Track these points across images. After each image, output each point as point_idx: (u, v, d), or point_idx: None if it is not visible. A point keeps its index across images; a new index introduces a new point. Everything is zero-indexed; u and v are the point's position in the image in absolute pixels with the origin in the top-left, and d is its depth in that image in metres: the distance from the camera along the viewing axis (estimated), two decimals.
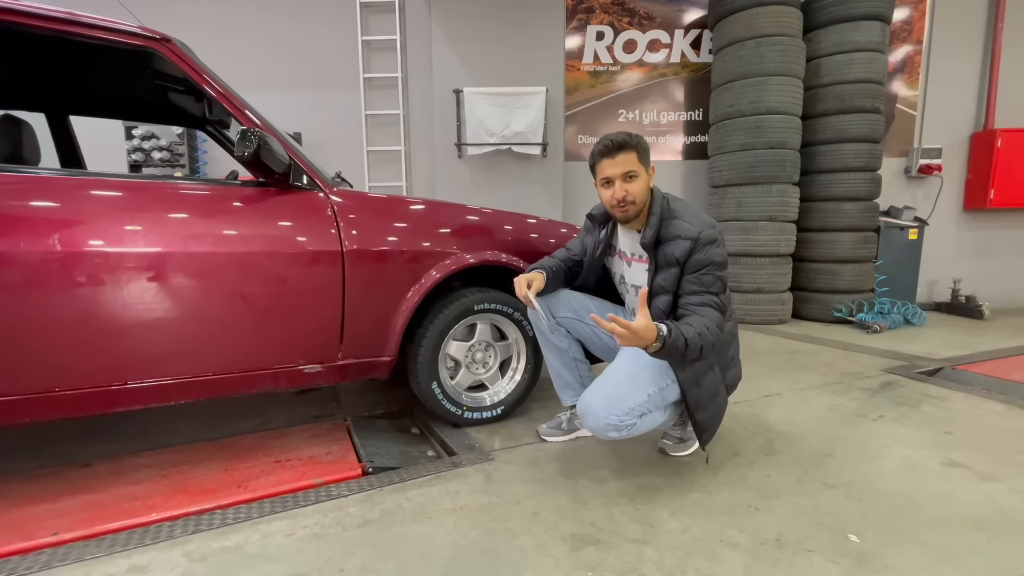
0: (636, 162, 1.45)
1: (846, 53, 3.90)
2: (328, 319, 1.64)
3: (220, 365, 1.52)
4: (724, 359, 1.53)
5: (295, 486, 1.51)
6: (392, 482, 1.53)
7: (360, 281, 1.66)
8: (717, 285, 1.41)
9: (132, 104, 2.33)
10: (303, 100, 4.35)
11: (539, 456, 1.71)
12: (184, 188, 1.50)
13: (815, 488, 1.48)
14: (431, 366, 1.84)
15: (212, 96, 1.52)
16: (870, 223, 4.08)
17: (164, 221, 1.41)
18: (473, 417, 1.94)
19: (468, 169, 4.37)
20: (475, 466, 1.63)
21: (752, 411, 2.10)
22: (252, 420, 2.06)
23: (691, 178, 4.72)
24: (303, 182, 1.63)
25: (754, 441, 1.81)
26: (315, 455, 1.72)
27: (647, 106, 4.66)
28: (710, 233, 1.40)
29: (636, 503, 1.41)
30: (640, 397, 1.43)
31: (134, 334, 1.39)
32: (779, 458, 1.68)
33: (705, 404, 1.46)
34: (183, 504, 1.41)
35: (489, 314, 1.94)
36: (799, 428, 1.93)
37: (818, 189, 4.12)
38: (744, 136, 3.93)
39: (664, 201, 1.51)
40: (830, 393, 2.34)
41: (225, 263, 1.47)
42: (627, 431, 1.43)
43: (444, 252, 1.83)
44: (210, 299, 1.46)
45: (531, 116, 4.16)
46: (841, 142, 4.00)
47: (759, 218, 3.94)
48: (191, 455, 1.72)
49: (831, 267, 4.10)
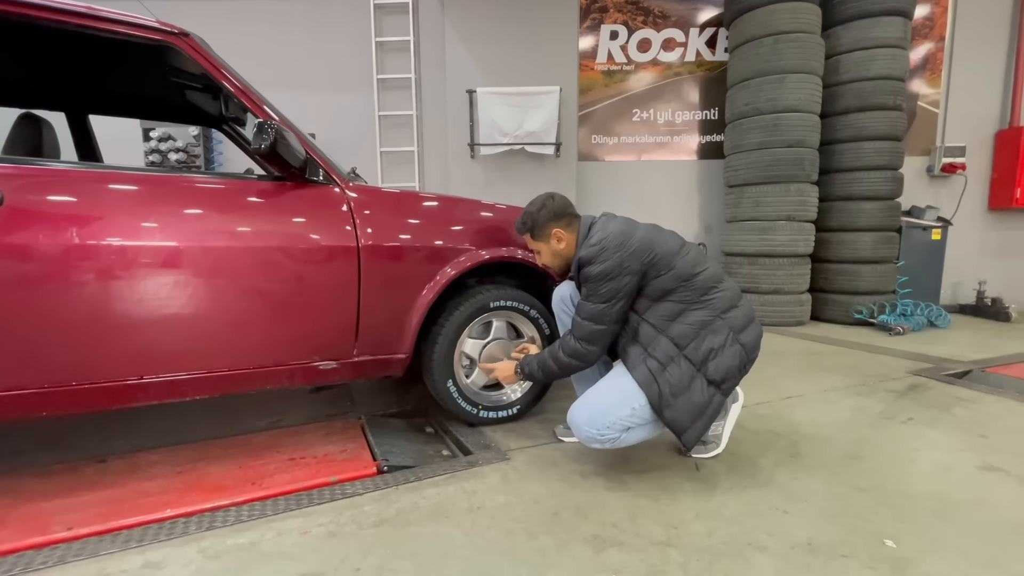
0: (533, 242, 1.66)
1: (867, 49, 3.83)
2: (343, 315, 1.62)
3: (235, 361, 1.51)
4: (698, 352, 1.42)
5: (310, 484, 1.49)
6: (408, 481, 1.50)
7: (376, 277, 1.64)
8: (595, 297, 1.46)
9: (149, 103, 2.34)
10: (317, 101, 4.38)
11: (557, 456, 1.67)
12: (200, 182, 1.49)
13: (845, 491, 1.43)
14: (446, 364, 1.82)
15: (230, 91, 1.51)
16: (891, 223, 3.99)
17: (179, 215, 1.40)
18: (489, 416, 1.91)
19: (481, 169, 4.36)
20: (492, 465, 1.60)
21: (775, 412, 2.05)
22: (266, 418, 2.05)
23: (706, 178, 4.66)
24: (319, 177, 1.62)
25: (778, 443, 1.76)
26: (329, 453, 1.70)
27: (661, 105, 4.61)
28: (587, 253, 1.47)
29: (659, 504, 1.36)
30: (623, 411, 1.42)
31: (149, 328, 1.38)
32: (805, 460, 1.62)
33: (671, 401, 1.40)
34: (197, 501, 1.39)
35: (505, 311, 1.91)
36: (825, 430, 1.87)
37: (838, 188, 4.04)
38: (761, 134, 3.87)
39: (586, 235, 1.55)
40: (855, 395, 2.27)
41: (240, 257, 1.46)
42: (611, 443, 1.45)
43: (459, 248, 1.81)
44: (225, 294, 1.45)
45: (544, 116, 4.14)
46: (861, 140, 3.92)
47: (777, 218, 3.87)
48: (205, 452, 1.71)
49: (851, 268, 4.01)
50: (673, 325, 1.46)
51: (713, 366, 1.43)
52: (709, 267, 1.52)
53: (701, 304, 1.47)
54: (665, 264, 1.46)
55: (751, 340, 1.49)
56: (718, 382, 1.43)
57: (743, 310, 1.52)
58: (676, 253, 1.49)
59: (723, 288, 1.50)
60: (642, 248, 1.45)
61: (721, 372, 1.43)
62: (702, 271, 1.49)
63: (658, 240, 1.49)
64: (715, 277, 1.51)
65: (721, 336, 1.45)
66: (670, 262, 1.46)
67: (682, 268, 1.47)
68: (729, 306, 1.49)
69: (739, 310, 1.50)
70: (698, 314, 1.46)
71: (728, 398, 1.54)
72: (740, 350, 1.46)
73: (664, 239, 1.51)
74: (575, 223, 1.62)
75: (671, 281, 1.46)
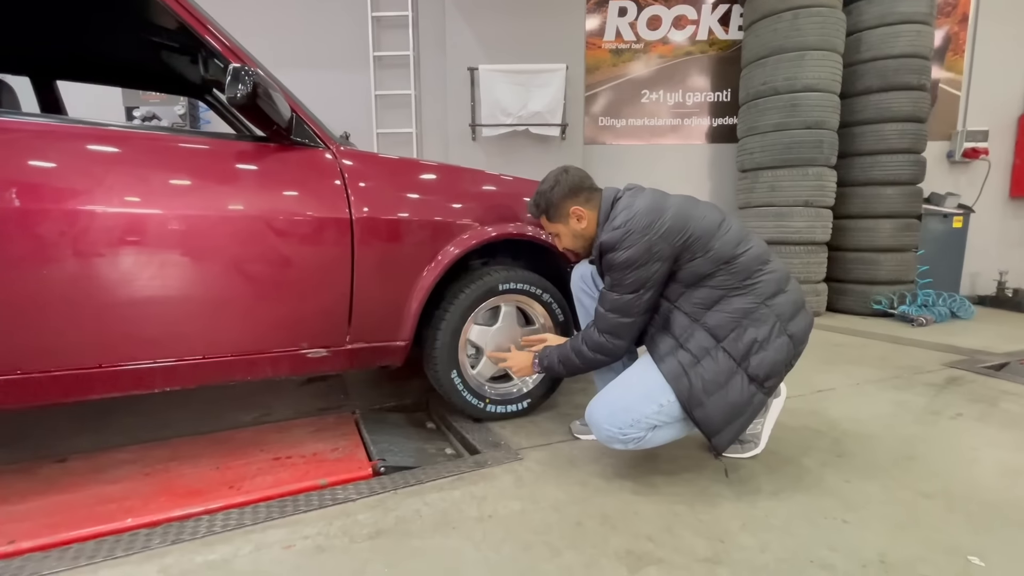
0: (549, 224, 1.46)
1: (891, 25, 3.63)
2: (334, 297, 1.43)
3: (210, 347, 1.31)
4: (738, 345, 1.23)
5: (296, 488, 1.30)
6: (408, 484, 1.32)
7: (371, 254, 1.45)
8: (620, 287, 1.28)
9: (124, 67, 2.13)
10: (310, 80, 4.14)
11: (575, 455, 1.49)
12: (170, 140, 1.29)
13: (908, 496, 1.25)
14: (450, 353, 1.63)
15: (201, 35, 1.30)
16: (912, 209, 3.81)
17: (141, 177, 1.21)
18: (497, 411, 1.73)
19: (483, 152, 4.15)
20: (502, 466, 1.42)
21: (809, 407, 1.87)
22: (251, 412, 1.86)
23: (718, 162, 4.46)
24: (307, 139, 1.42)
25: (820, 440, 1.58)
26: (319, 452, 1.51)
27: (672, 86, 4.40)
28: (610, 238, 1.27)
29: (696, 512, 1.18)
30: (648, 408, 1.25)
31: (107, 308, 1.19)
32: (854, 460, 1.45)
33: (703, 398, 1.22)
34: (165, 507, 1.21)
35: (515, 295, 1.72)
36: (868, 426, 1.69)
37: (857, 173, 3.86)
38: (778, 115, 3.67)
39: (608, 213, 1.36)
40: (892, 388, 2.10)
41: (215, 228, 1.26)
42: (634, 444, 1.28)
43: (463, 224, 1.62)
44: (196, 270, 1.26)
45: (550, 95, 3.93)
46: (883, 122, 3.73)
47: (794, 203, 3.68)
48: (180, 450, 1.53)
49: (870, 256, 3.84)
50: (710, 314, 1.27)
51: (756, 361, 1.24)
52: (753, 245, 1.32)
53: (743, 289, 1.28)
54: (702, 245, 1.26)
55: (800, 331, 1.30)
56: (761, 379, 1.24)
57: (791, 295, 1.33)
58: (715, 232, 1.28)
59: (769, 270, 1.31)
60: (674, 228, 1.25)
61: (765, 368, 1.25)
62: (745, 251, 1.29)
63: (693, 216, 1.28)
64: (760, 257, 1.31)
65: (766, 326, 1.26)
66: (707, 243, 1.26)
67: (722, 249, 1.27)
68: (776, 291, 1.30)
69: (787, 295, 1.31)
70: (739, 301, 1.27)
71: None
72: (787, 342, 1.27)
73: (700, 214, 1.30)
74: (595, 198, 1.42)
75: (708, 264, 1.27)
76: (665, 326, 1.32)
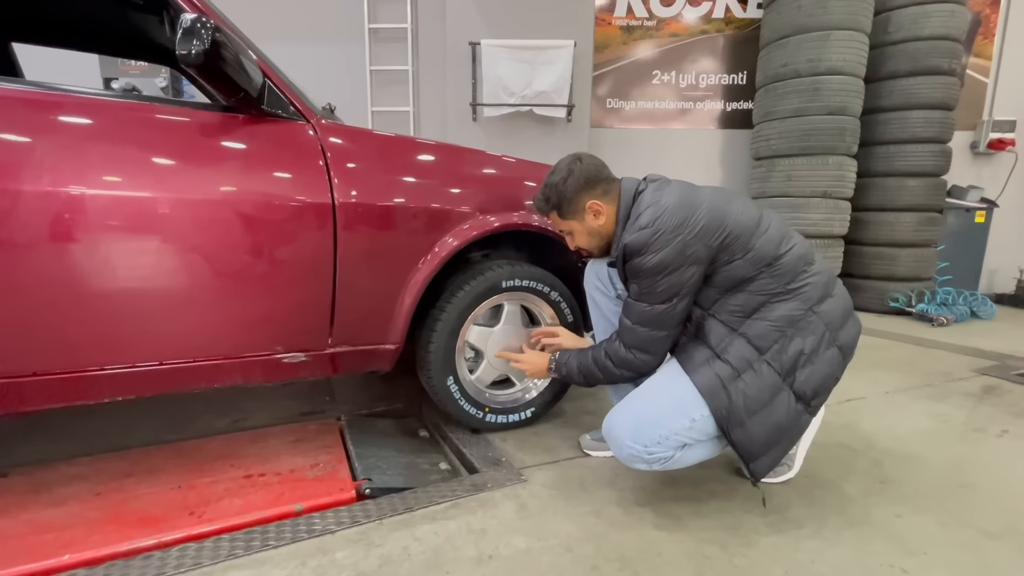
0: (562, 222, 1.28)
1: (922, 5, 3.40)
2: (314, 294, 1.24)
3: (168, 351, 1.13)
4: (783, 357, 1.06)
5: (266, 515, 1.13)
6: (396, 511, 1.15)
7: (357, 245, 1.26)
8: (650, 295, 1.10)
9: (87, 29, 1.90)
10: (300, 53, 3.89)
11: (586, 477, 1.32)
12: (116, 107, 1.09)
13: (970, 537, 1.09)
14: (446, 357, 1.45)
15: None
16: (935, 202, 3.62)
17: (77, 150, 1.01)
18: (497, 421, 1.56)
19: (484, 133, 3.92)
20: (504, 490, 1.25)
21: (839, 419, 1.71)
22: (226, 417, 1.68)
23: (731, 149, 4.25)
24: (283, 110, 1.22)
25: (858, 462, 1.42)
26: (297, 468, 1.34)
27: (685, 67, 4.17)
28: (636, 240, 1.08)
29: (730, 553, 1.02)
30: (679, 423, 1.07)
31: (38, 306, 1.00)
32: (901, 488, 1.28)
33: (745, 418, 1.05)
34: (112, 540, 1.03)
35: (520, 292, 1.54)
36: (907, 444, 1.53)
37: (878, 163, 3.66)
38: (798, 100, 3.46)
39: (630, 208, 1.18)
40: (925, 398, 1.94)
41: (171, 212, 1.07)
42: (660, 465, 1.11)
43: (463, 213, 1.43)
44: (149, 262, 1.07)
45: (556, 74, 3.69)
46: (909, 109, 3.52)
47: (811, 194, 3.49)
48: (140, 463, 1.35)
49: (888, 251, 3.66)
50: (751, 323, 1.09)
51: (804, 375, 1.07)
52: (796, 243, 1.15)
53: (788, 295, 1.10)
54: (741, 245, 1.08)
55: (849, 340, 1.13)
56: (808, 397, 1.08)
57: (839, 300, 1.15)
58: (754, 229, 1.11)
59: (814, 271, 1.13)
60: (711, 226, 1.07)
61: (813, 383, 1.08)
62: (788, 250, 1.12)
63: (730, 212, 1.10)
64: (805, 257, 1.14)
65: (814, 336, 1.08)
66: (747, 242, 1.09)
67: (763, 248, 1.09)
68: (823, 295, 1.12)
69: (835, 300, 1.14)
70: (784, 307, 1.09)
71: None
72: (837, 354, 1.10)
73: (737, 210, 1.12)
74: (613, 190, 1.23)
75: (748, 267, 1.09)
76: (698, 334, 1.14)
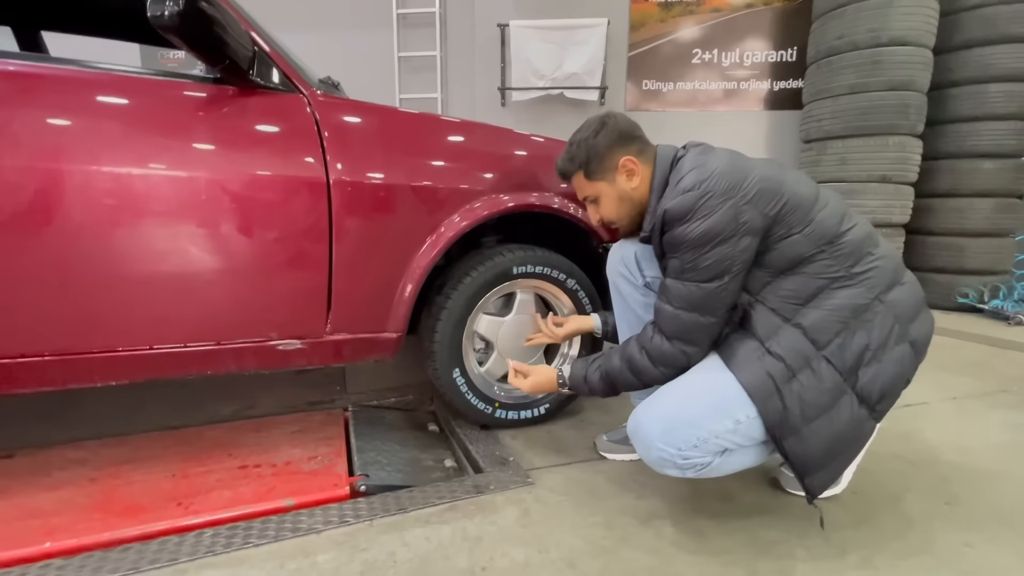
0: (588, 184, 1.12)
1: None
2: (308, 277, 1.17)
3: (155, 335, 1.08)
4: (845, 354, 0.90)
5: (254, 510, 1.07)
6: (388, 511, 1.06)
7: (354, 225, 1.18)
8: (694, 272, 0.93)
9: (116, 16, 1.90)
10: (328, 41, 3.88)
11: (598, 483, 1.20)
12: (98, 78, 1.04)
13: None
14: (453, 348, 1.36)
15: None
16: (1015, 187, 3.24)
17: (54, 124, 0.96)
18: (508, 417, 1.45)
19: (512, 118, 3.80)
20: (507, 493, 1.14)
21: (898, 428, 1.50)
22: (233, 404, 1.65)
23: (778, 132, 3.95)
24: (274, 81, 1.15)
25: (919, 477, 1.23)
26: (294, 460, 1.28)
27: (728, 45, 3.89)
28: (678, 205, 0.93)
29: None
30: (722, 424, 0.92)
31: (26, 286, 0.96)
32: (971, 512, 1.09)
33: (801, 425, 0.89)
34: (95, 528, 1.00)
35: (534, 280, 1.42)
36: (979, 459, 1.32)
37: (947, 142, 3.30)
38: (855, 75, 3.15)
39: (667, 176, 1.04)
40: (1001, 406, 1.69)
41: (154, 190, 1.01)
42: (694, 471, 0.95)
43: (473, 191, 1.32)
44: (133, 242, 1.02)
45: (588, 54, 3.53)
46: (986, 82, 3.14)
47: (868, 179, 3.18)
48: (140, 449, 1.32)
49: (956, 241, 3.31)
50: (806, 311, 0.93)
51: (868, 375, 0.91)
52: (857, 222, 0.98)
53: (851, 280, 0.94)
54: (800, 217, 0.93)
55: (923, 336, 0.96)
56: (872, 401, 0.91)
57: (910, 288, 0.98)
58: (813, 202, 0.95)
59: (880, 254, 0.97)
60: (766, 191, 0.92)
61: (879, 385, 0.91)
62: (850, 228, 0.96)
63: (786, 181, 0.95)
64: (870, 238, 0.98)
65: (882, 330, 0.92)
66: (807, 214, 0.93)
67: (825, 223, 0.94)
68: (891, 282, 0.96)
69: (905, 289, 0.97)
70: (846, 294, 0.93)
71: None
72: (908, 351, 0.93)
73: (794, 179, 0.97)
74: (649, 151, 1.09)
75: (807, 244, 0.93)
76: (743, 324, 0.99)
